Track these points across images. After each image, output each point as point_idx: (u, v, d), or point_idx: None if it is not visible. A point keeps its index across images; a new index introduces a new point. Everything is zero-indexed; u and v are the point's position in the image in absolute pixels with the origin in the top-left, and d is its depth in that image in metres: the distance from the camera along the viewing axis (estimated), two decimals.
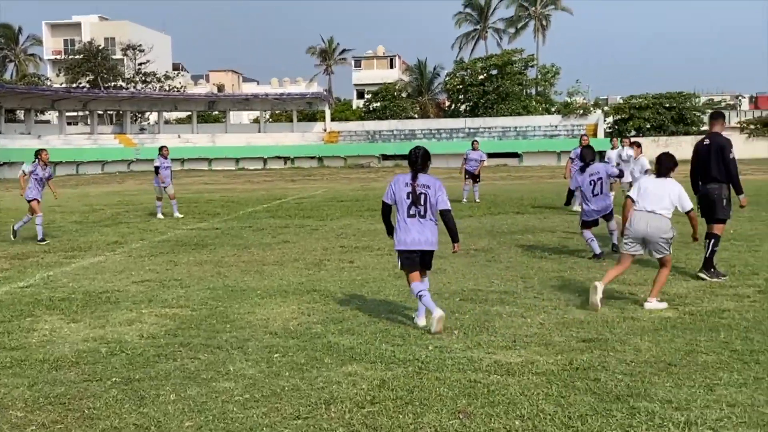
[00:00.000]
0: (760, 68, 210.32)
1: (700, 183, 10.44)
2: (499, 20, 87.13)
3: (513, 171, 51.09)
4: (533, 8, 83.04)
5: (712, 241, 10.12)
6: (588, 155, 12.75)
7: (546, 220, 17.65)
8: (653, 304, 8.46)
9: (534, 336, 7.33)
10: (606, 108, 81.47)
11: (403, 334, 7.47)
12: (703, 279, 9.94)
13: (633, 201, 8.74)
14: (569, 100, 76.80)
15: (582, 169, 12.46)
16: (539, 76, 78.99)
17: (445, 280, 10.28)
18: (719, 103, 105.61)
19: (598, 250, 11.94)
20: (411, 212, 7.71)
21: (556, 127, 71.71)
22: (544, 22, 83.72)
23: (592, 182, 12.23)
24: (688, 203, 8.73)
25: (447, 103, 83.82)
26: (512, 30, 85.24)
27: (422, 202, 7.68)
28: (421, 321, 7.83)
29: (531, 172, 48.02)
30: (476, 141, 25.12)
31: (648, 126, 72.89)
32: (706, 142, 10.33)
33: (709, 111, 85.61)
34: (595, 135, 70.03)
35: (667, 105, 73.54)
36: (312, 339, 7.36)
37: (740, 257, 11.65)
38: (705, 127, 77.34)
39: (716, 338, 7.08)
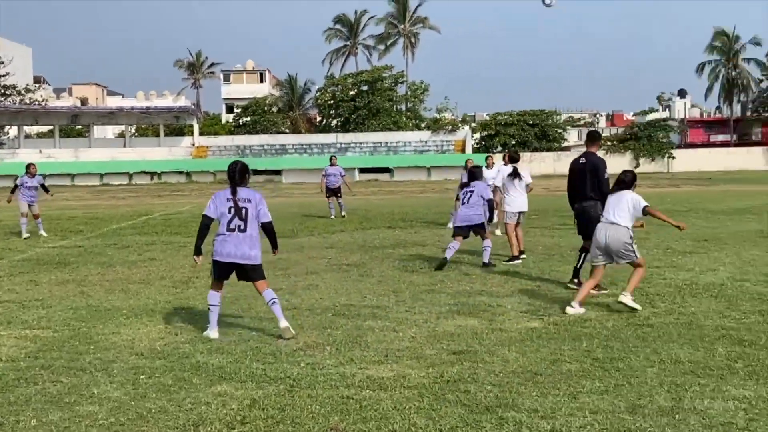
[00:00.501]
0: (616, 88, 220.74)
1: (575, 200, 10.70)
2: (369, 37, 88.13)
3: (384, 186, 51.63)
4: (402, 26, 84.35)
5: (584, 254, 10.40)
6: (478, 174, 13.45)
7: (416, 234, 17.88)
8: (627, 299, 8.87)
9: (406, 350, 7.38)
10: (473, 124, 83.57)
11: (274, 351, 7.37)
12: (571, 288, 10.29)
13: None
14: (438, 116, 78.35)
15: (465, 185, 13.27)
16: (409, 93, 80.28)
17: (317, 296, 10.23)
18: (579, 121, 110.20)
19: (448, 255, 12.52)
20: (231, 226, 7.93)
21: (426, 142, 72.97)
22: (413, 40, 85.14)
23: (466, 193, 12.98)
24: (641, 204, 9.04)
25: (318, 118, 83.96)
26: (382, 47, 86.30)
27: (243, 216, 7.93)
28: (212, 333, 8.01)
29: (402, 187, 48.63)
30: (334, 157, 25.03)
31: (513, 142, 75.08)
32: (582, 160, 10.58)
33: (569, 128, 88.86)
34: (463, 150, 71.71)
35: (531, 122, 76.06)
36: (180, 359, 7.17)
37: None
38: (566, 143, 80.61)
39: (579, 347, 7.32)
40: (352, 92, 76.65)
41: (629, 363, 6.72)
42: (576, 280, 10.44)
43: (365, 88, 76.33)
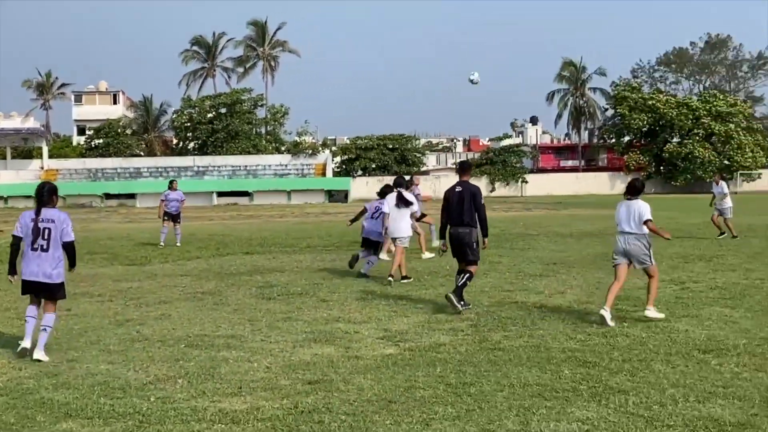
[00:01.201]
0: (472, 114, 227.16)
1: (449, 226, 11.02)
2: (227, 59, 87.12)
3: (243, 210, 50.99)
4: (261, 49, 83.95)
5: (467, 275, 10.76)
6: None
7: (275, 260, 17.72)
8: (652, 312, 9.82)
9: (260, 381, 7.26)
10: (334, 148, 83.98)
11: (123, 386, 7.10)
12: (452, 305, 10.45)
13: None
14: (299, 140, 78.27)
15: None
16: (269, 116, 79.91)
17: (169, 326, 9.94)
18: (437, 145, 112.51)
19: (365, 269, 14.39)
20: (35, 246, 8.25)
21: (286, 166, 72.73)
22: (272, 63, 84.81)
23: (377, 209, 14.75)
24: (644, 217, 9.78)
25: (174, 141, 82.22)
26: (241, 69, 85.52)
27: (45, 236, 8.24)
28: (25, 342, 8.26)
29: (261, 211, 48.17)
30: (174, 181, 24.39)
31: (373, 166, 75.99)
32: (458, 189, 10.98)
33: (428, 152, 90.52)
34: (323, 174, 71.86)
35: (391, 146, 77.18)
36: (23, 395, 6.81)
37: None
38: (425, 168, 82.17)
39: (433, 373, 7.42)
40: (210, 114, 75.57)
41: (480, 388, 6.86)
42: (462, 302, 10.60)
43: (224, 110, 75.46)
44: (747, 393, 6.53)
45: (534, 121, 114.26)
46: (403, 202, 14.15)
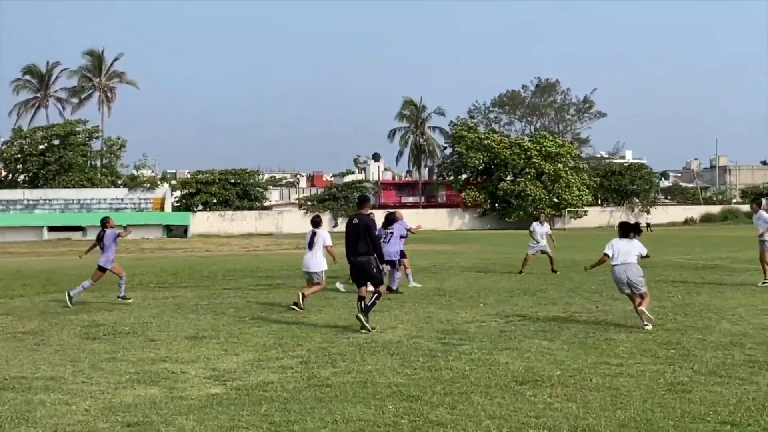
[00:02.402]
0: (316, 150, 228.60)
1: (351, 255, 12.25)
2: (61, 89, 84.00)
3: (76, 245, 48.98)
4: (97, 80, 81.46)
5: (375, 295, 12.07)
6: (391, 219, 17.76)
7: (103, 298, 17.16)
8: (650, 326, 11.85)
9: (77, 424, 7.00)
10: (174, 182, 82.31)
11: None
12: (364, 327, 11.74)
13: (608, 256, 12.28)
14: (136, 173, 76.23)
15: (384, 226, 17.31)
16: (105, 148, 77.47)
17: None
18: (281, 180, 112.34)
19: (394, 286, 16.68)
20: None
21: (122, 200, 70.66)
22: (109, 94, 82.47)
23: (386, 234, 17.30)
24: (644, 251, 12.35)
25: (3, 173, 78.19)
26: (76, 100, 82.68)
27: None
28: None
29: None
30: None
31: (215, 201, 74.94)
32: (356, 221, 12.26)
33: (271, 187, 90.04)
34: (162, 208, 70.23)
35: (233, 181, 76.41)
36: None
37: (288, 329, 12.33)
38: (268, 203, 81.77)
39: (258, 411, 7.37)
40: (41, 146, 72.47)
41: (304, 425, 6.88)
42: (367, 325, 11.76)
43: (56, 142, 72.60)
44: (557, 423, 6.86)
45: (376, 157, 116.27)
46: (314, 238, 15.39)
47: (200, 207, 75.19)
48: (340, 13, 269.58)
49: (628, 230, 12.44)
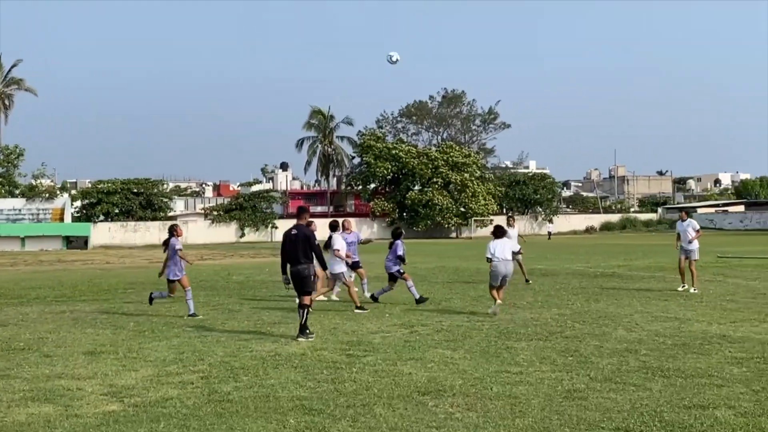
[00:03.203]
0: (223, 159, 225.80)
1: (288, 264, 12.72)
2: None
3: None
4: None
5: (304, 310, 12.37)
6: (397, 234, 17.49)
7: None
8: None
9: None
10: (74, 192, 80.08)
11: None
12: (300, 341, 12.05)
13: (489, 260, 14.89)
14: (35, 183, 73.87)
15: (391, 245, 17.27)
16: (2, 157, 74.81)
17: None
18: (186, 190, 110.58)
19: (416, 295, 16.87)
20: None
21: (20, 210, 68.32)
22: (6, 102, 79.75)
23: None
24: (517, 248, 15.24)
25: None
26: None
27: None
28: None
29: None
30: None
31: (117, 211, 73.20)
32: (294, 232, 12.74)
33: (176, 197, 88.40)
34: (62, 219, 68.24)
35: (136, 190, 74.78)
36: None
37: (190, 343, 12.12)
38: (172, 213, 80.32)
39: (156, 429, 7.21)
40: None
41: None
42: (307, 332, 12.32)
43: None
44: None
45: (284, 167, 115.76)
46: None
47: (101, 218, 73.28)
48: (246, 20, 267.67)
49: (502, 232, 15.34)
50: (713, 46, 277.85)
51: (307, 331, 12.40)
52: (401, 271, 17.12)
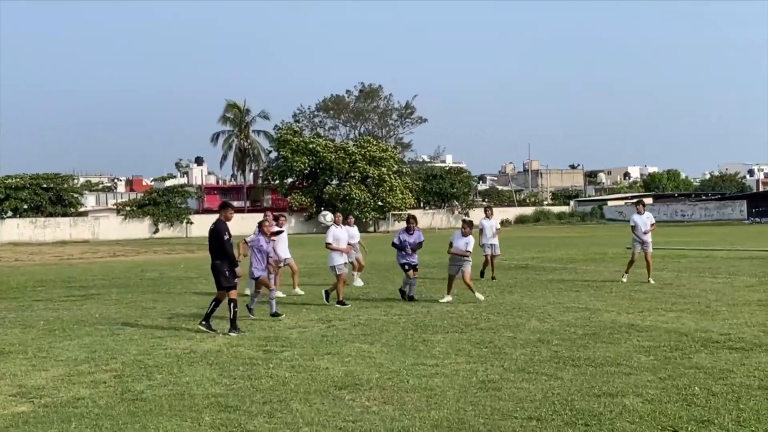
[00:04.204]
0: (134, 153, 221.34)
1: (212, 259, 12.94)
2: None
3: None
4: None
5: (231, 304, 12.56)
6: (412, 224, 16.87)
7: None
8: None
9: None
10: None
11: None
12: (231, 335, 12.22)
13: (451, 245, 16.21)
14: None
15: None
16: None
17: None
18: (97, 185, 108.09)
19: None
20: None
21: None
22: None
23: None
24: (471, 247, 16.06)
25: None
26: None
27: None
28: None
29: None
30: None
31: (25, 207, 70.99)
32: (212, 226, 12.98)
33: (87, 192, 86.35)
34: None
35: (45, 186, 72.66)
36: None
37: (102, 341, 11.88)
38: (83, 208, 78.37)
39: (67, 429, 7.07)
40: None
41: None
42: (205, 323, 12.68)
43: None
44: (373, 426, 6.98)
45: (199, 161, 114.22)
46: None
47: (9, 213, 70.94)
48: (160, 11, 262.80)
49: (472, 226, 16.43)
50: (620, 44, 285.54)
51: (236, 329, 12.49)
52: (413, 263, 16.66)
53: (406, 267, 16.59)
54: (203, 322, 12.81)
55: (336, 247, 16.31)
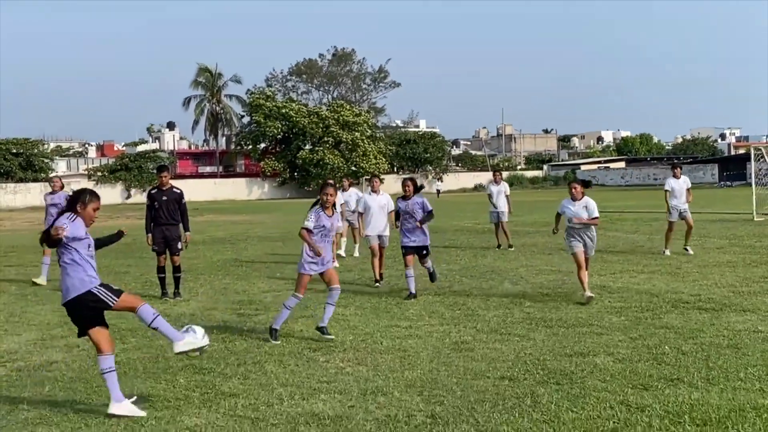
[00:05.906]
0: (106, 117, 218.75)
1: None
2: None
3: None
4: None
5: (178, 272, 12.61)
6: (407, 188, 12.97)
7: None
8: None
9: None
10: None
11: None
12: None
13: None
14: None
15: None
16: None
17: None
18: (68, 150, 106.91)
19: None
20: None
21: None
22: None
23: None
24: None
25: None
26: None
27: None
28: None
29: None
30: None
31: None
32: (173, 190, 12.80)
33: (57, 158, 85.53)
34: None
35: (15, 151, 71.80)
36: None
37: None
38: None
39: (41, 392, 7.07)
40: None
41: (90, 404, 6.68)
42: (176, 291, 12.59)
43: None
44: (347, 387, 7.03)
45: (171, 126, 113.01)
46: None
47: None
48: None
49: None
50: (594, 8, 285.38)
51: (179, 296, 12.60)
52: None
53: (404, 251, 12.56)
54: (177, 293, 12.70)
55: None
